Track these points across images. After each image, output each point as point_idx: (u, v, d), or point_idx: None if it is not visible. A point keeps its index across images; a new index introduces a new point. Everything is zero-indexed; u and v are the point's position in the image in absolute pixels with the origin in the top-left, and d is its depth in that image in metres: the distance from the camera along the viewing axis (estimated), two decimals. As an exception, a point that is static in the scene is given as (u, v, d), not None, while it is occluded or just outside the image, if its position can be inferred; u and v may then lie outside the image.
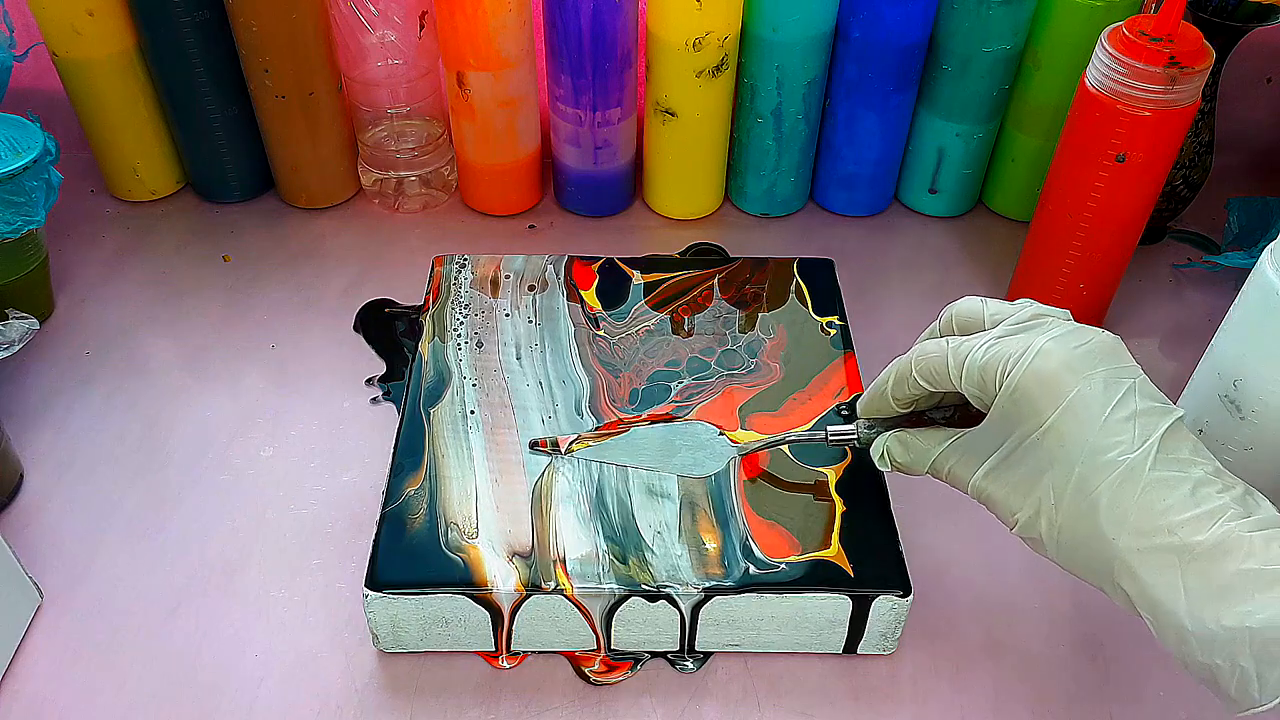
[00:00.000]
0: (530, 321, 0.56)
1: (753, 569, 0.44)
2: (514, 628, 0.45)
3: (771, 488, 0.47)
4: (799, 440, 0.48)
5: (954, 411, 0.44)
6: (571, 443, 0.49)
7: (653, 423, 0.50)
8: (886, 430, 0.45)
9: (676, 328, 0.56)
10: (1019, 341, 0.38)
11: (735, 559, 0.44)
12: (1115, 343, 0.39)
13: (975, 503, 0.45)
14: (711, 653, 0.46)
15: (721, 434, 0.50)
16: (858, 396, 0.51)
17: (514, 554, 0.44)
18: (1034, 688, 0.46)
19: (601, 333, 0.55)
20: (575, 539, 0.45)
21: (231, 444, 0.56)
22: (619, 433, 0.50)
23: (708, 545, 0.45)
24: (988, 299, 0.42)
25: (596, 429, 0.50)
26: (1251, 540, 0.34)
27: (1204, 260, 0.66)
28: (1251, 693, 0.33)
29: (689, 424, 0.50)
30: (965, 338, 0.41)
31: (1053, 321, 0.40)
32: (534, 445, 0.49)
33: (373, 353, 0.61)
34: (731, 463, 0.48)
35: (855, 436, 0.46)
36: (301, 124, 0.67)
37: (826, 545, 0.45)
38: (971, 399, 0.40)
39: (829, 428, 0.47)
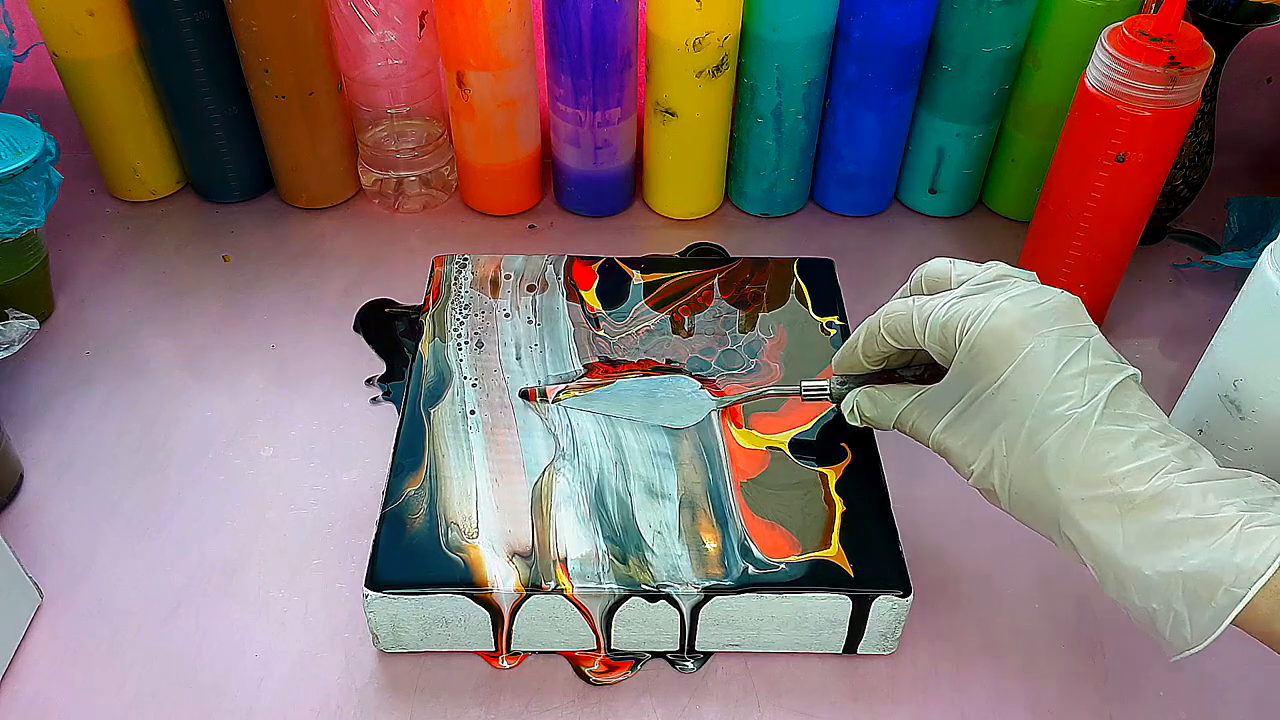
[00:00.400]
0: (530, 322, 0.56)
1: (751, 569, 0.44)
2: (514, 628, 0.45)
3: (771, 488, 0.47)
4: (775, 395, 0.50)
5: (924, 370, 0.45)
6: (559, 392, 0.51)
7: (638, 376, 0.52)
8: (858, 386, 0.46)
9: (676, 328, 0.56)
10: (979, 300, 0.40)
11: (734, 559, 0.44)
12: (1073, 303, 0.40)
13: (975, 503, 0.45)
14: (711, 653, 0.46)
15: (702, 388, 0.51)
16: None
17: (514, 554, 0.44)
18: (1034, 688, 0.46)
19: (601, 333, 0.55)
20: (575, 539, 0.45)
21: (231, 444, 0.56)
22: (605, 383, 0.51)
23: (708, 545, 0.45)
24: (956, 260, 0.44)
25: (582, 380, 0.51)
26: (1188, 491, 0.35)
27: (1204, 260, 0.66)
28: (1184, 635, 0.35)
29: (672, 378, 0.52)
30: (931, 297, 0.42)
31: (1014, 282, 0.41)
32: (524, 394, 0.51)
33: (373, 353, 0.61)
34: (712, 414, 0.50)
35: (829, 392, 0.48)
36: (301, 124, 0.67)
37: (826, 545, 0.45)
38: (935, 356, 0.42)
39: (803, 382, 0.48)
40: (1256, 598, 0.33)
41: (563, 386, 0.51)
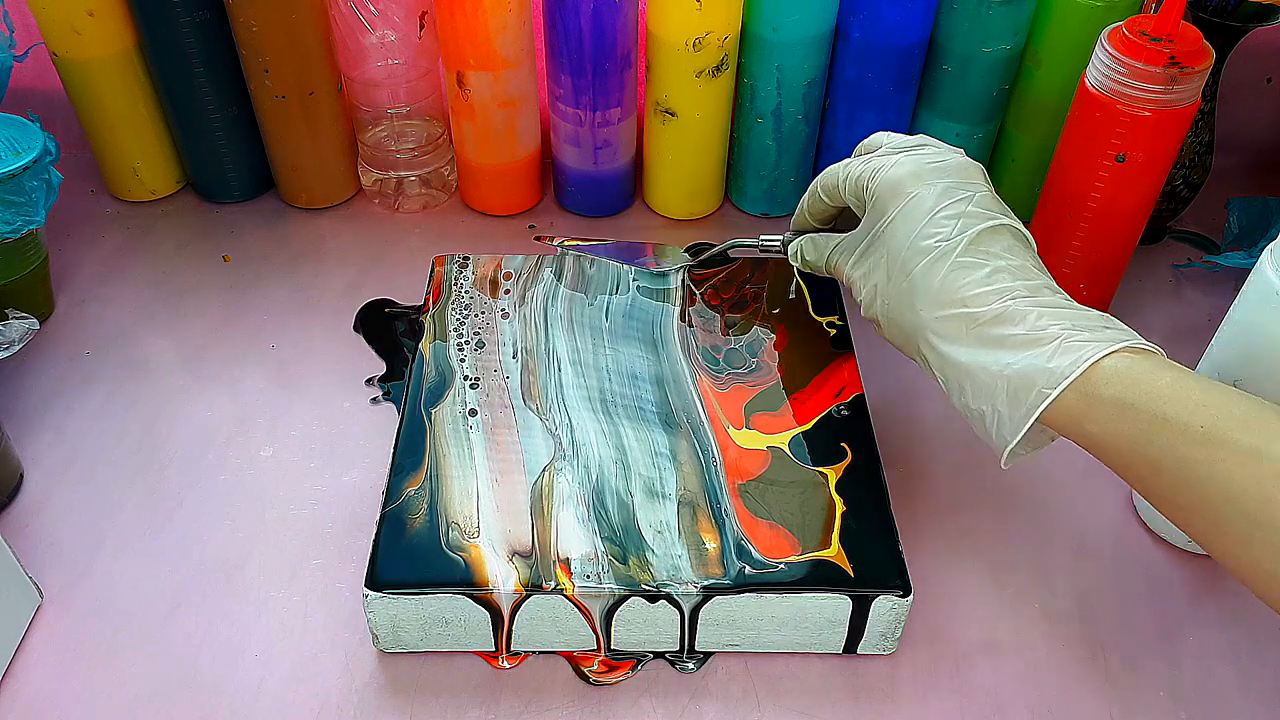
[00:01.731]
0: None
1: (748, 569, 0.44)
2: (514, 628, 0.45)
3: (771, 487, 0.47)
4: (740, 246, 0.57)
5: None
6: (564, 241, 0.60)
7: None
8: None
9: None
10: (888, 158, 0.46)
11: (733, 560, 0.44)
12: (970, 166, 0.46)
13: (975, 503, 0.45)
14: (711, 653, 0.46)
15: (682, 250, 0.61)
16: (858, 397, 0.52)
17: (514, 554, 0.44)
18: (1034, 688, 0.46)
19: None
20: (575, 539, 0.45)
21: (231, 444, 0.56)
22: (602, 240, 0.62)
23: (708, 545, 0.45)
24: (892, 134, 0.49)
25: (586, 236, 0.64)
26: (1025, 313, 0.40)
27: (1204, 260, 0.66)
28: (1005, 434, 0.40)
29: (656, 245, 0.62)
30: (856, 159, 0.48)
31: (928, 147, 0.47)
32: (537, 237, 0.63)
33: (373, 353, 0.61)
34: (683, 271, 0.59)
35: (782, 242, 0.54)
36: (301, 124, 0.67)
37: (826, 545, 0.45)
38: (854, 208, 0.48)
39: (761, 235, 0.55)
40: (1069, 400, 0.38)
41: (569, 238, 0.61)
